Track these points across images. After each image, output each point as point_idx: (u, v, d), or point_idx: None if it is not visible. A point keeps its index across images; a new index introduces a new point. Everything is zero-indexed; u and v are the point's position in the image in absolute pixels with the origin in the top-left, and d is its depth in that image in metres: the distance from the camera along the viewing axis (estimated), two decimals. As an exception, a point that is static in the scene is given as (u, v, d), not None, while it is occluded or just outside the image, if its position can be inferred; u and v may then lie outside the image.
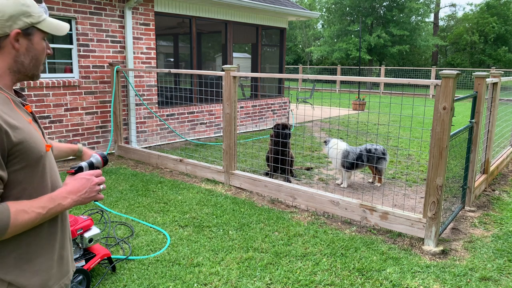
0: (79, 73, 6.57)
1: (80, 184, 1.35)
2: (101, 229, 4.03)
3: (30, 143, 1.24)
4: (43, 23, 1.32)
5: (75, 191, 1.33)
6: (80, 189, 1.34)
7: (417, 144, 8.47)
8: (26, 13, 1.27)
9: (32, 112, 1.39)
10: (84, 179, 1.36)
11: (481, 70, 21.53)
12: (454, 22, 36.35)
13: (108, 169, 6.21)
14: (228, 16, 8.86)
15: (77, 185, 1.34)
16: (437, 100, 3.60)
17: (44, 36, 1.34)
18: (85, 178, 1.37)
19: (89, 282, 2.97)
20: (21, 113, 1.29)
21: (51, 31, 1.34)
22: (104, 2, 6.67)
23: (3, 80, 1.29)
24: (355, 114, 13.65)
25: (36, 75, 1.37)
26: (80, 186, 1.35)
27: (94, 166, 1.53)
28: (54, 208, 1.27)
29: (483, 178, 5.32)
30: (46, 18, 1.34)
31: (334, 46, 28.20)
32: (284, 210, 4.65)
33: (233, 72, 5.19)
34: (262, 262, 3.43)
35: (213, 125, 8.86)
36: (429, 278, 3.23)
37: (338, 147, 5.47)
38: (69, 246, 1.49)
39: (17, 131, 1.21)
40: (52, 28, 1.34)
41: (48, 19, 1.34)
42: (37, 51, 1.33)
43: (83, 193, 1.35)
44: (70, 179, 1.36)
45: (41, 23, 1.31)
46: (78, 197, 1.34)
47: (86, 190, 1.36)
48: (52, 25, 1.35)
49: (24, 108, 1.36)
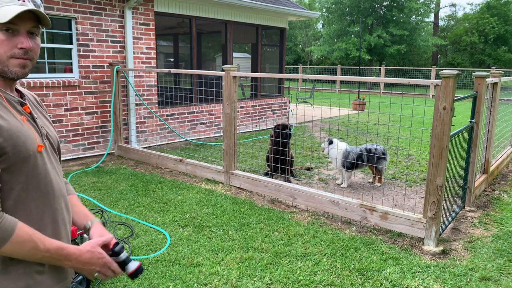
0: (79, 73, 6.57)
1: (95, 261, 1.30)
2: (101, 229, 4.02)
3: (17, 142, 1.21)
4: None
5: (86, 262, 1.28)
6: (91, 262, 1.30)
7: (417, 144, 8.47)
8: None
9: (31, 112, 1.35)
10: (103, 261, 1.31)
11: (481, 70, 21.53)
12: (454, 22, 36.36)
13: (108, 169, 6.21)
14: (228, 16, 8.86)
15: (92, 260, 1.29)
16: (437, 100, 3.60)
17: (4, 26, 1.22)
18: (105, 261, 1.31)
19: (89, 282, 2.97)
20: (13, 110, 1.27)
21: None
22: (104, 2, 6.67)
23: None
24: (355, 114, 13.65)
25: (7, 72, 1.26)
26: (95, 262, 1.30)
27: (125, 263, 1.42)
28: (55, 259, 1.23)
29: (483, 178, 5.32)
30: (2, 7, 1.21)
31: (334, 46, 28.20)
32: (284, 210, 4.65)
33: (233, 72, 5.19)
34: (262, 262, 3.43)
35: (213, 125, 8.86)
36: (429, 278, 3.23)
37: (339, 147, 5.47)
38: None
39: (2, 129, 1.18)
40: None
41: (2, 8, 1.21)
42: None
43: (90, 268, 1.30)
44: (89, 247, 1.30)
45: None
46: (82, 267, 1.29)
47: (94, 268, 1.30)
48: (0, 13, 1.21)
49: (23, 108, 1.33)
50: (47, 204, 1.34)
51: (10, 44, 1.24)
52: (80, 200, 1.62)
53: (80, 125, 6.64)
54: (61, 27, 6.36)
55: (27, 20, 1.25)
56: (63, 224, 1.41)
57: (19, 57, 1.26)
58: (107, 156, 6.91)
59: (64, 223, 1.42)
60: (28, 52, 1.27)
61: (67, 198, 1.48)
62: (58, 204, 1.39)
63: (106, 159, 6.82)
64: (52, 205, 1.36)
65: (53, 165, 1.39)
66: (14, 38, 1.24)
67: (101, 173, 5.98)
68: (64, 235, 1.42)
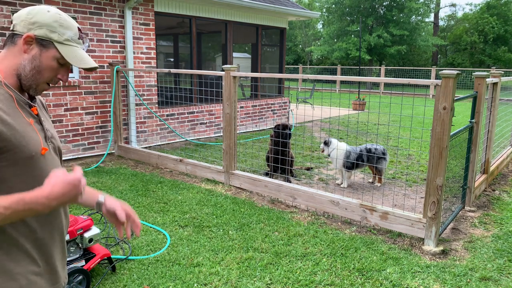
0: (79, 73, 6.57)
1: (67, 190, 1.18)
2: (101, 229, 4.03)
3: (20, 141, 1.23)
4: (63, 46, 1.33)
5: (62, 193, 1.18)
6: (67, 190, 1.19)
7: (417, 144, 8.47)
8: (52, 27, 1.31)
9: (38, 115, 1.38)
10: (71, 185, 1.18)
11: (481, 70, 21.53)
12: (454, 22, 36.35)
13: (108, 169, 6.21)
14: (228, 16, 8.85)
15: (62, 191, 1.18)
16: (437, 100, 3.60)
17: (59, 58, 1.33)
18: (72, 183, 1.19)
19: (89, 282, 2.97)
20: (22, 112, 1.30)
21: (67, 57, 1.33)
22: (104, 2, 6.67)
23: (10, 79, 1.31)
24: (355, 114, 13.65)
25: (32, 89, 1.34)
26: (66, 192, 1.18)
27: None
28: (23, 212, 1.14)
29: (483, 178, 5.32)
30: (71, 45, 1.35)
31: (334, 46, 28.20)
32: (284, 210, 4.65)
33: (233, 72, 5.19)
34: (262, 262, 3.43)
35: (213, 125, 8.86)
36: (429, 278, 3.23)
37: (339, 148, 5.46)
38: (58, 255, 1.42)
39: (8, 127, 1.21)
40: (70, 55, 1.34)
41: (73, 48, 1.35)
42: (42, 64, 1.32)
43: (67, 198, 1.19)
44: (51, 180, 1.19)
45: (61, 44, 1.33)
46: (59, 202, 1.18)
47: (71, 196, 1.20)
48: (71, 53, 1.34)
49: (31, 110, 1.36)
50: None
51: (56, 72, 1.36)
52: None
53: (80, 125, 6.64)
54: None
55: None
56: (58, 227, 1.41)
57: (52, 84, 1.38)
58: (107, 156, 6.91)
59: (60, 227, 1.42)
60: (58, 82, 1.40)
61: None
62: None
63: (106, 159, 6.81)
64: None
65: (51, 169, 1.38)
66: (60, 69, 1.36)
67: (101, 173, 5.98)
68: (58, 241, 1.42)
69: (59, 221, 1.41)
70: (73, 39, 1.36)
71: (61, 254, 1.45)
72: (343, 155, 5.41)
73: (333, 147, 5.50)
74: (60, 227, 1.42)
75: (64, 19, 1.35)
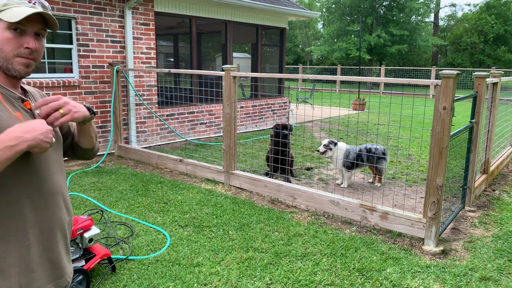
0: (79, 73, 6.57)
1: (35, 125, 1.18)
2: (101, 229, 4.03)
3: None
4: (3, 12, 1.26)
5: (29, 130, 1.16)
6: (35, 129, 1.17)
7: (417, 144, 8.47)
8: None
9: (31, 109, 1.36)
10: (39, 122, 1.20)
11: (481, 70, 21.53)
12: (454, 22, 36.35)
13: (108, 169, 6.21)
14: (228, 16, 8.86)
15: (32, 125, 1.18)
16: (437, 100, 3.60)
17: (8, 25, 1.27)
18: (40, 121, 1.21)
19: (89, 282, 2.97)
20: (7, 106, 1.28)
21: (6, 17, 1.26)
22: (104, 2, 6.67)
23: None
24: (355, 114, 13.65)
25: (11, 69, 1.30)
26: (36, 127, 1.17)
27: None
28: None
29: (483, 178, 5.32)
30: (11, 7, 1.27)
31: (334, 46, 28.20)
32: (284, 210, 4.65)
33: (233, 72, 5.19)
34: (262, 262, 3.43)
35: (213, 125, 8.86)
36: (429, 278, 3.23)
37: (340, 148, 5.46)
38: (61, 250, 1.41)
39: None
40: (8, 14, 1.26)
41: (12, 9, 1.27)
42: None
43: (39, 133, 1.17)
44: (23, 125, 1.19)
45: (2, 12, 1.26)
46: (33, 137, 1.16)
47: (42, 132, 1.18)
48: (9, 13, 1.26)
49: (23, 104, 1.35)
50: (41, 202, 1.33)
51: (17, 43, 1.29)
52: None
53: (80, 125, 6.64)
54: (61, 27, 6.36)
55: (35, 22, 1.31)
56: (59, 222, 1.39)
57: (24, 56, 1.30)
58: (107, 156, 6.91)
59: (60, 222, 1.40)
60: (33, 52, 1.32)
61: (67, 197, 1.46)
62: (54, 201, 1.37)
63: (106, 159, 6.81)
64: (48, 202, 1.35)
65: (51, 163, 1.37)
66: (21, 38, 1.29)
67: (101, 173, 5.98)
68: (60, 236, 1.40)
69: (59, 216, 1.40)
70: (13, 1, 1.28)
71: (64, 249, 1.43)
72: (343, 155, 5.41)
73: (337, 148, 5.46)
74: (60, 222, 1.41)
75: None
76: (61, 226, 1.41)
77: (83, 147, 1.59)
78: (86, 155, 1.65)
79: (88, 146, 1.59)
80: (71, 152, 1.64)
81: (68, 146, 1.61)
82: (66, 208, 1.44)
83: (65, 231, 1.44)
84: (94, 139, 1.59)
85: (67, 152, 1.62)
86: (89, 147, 1.60)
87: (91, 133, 1.54)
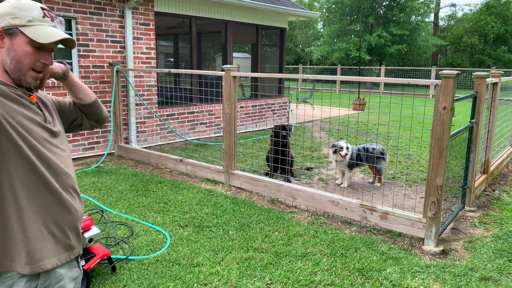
0: (79, 73, 6.57)
1: None
2: (101, 229, 4.03)
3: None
4: (27, 28, 1.33)
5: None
6: None
7: (417, 144, 8.47)
8: (12, 14, 1.32)
9: (37, 102, 1.45)
10: None
11: (481, 70, 21.53)
12: (454, 22, 36.35)
13: (108, 169, 6.21)
14: (228, 16, 8.85)
15: None
16: (437, 100, 3.60)
17: (29, 42, 1.34)
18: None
19: (89, 282, 2.97)
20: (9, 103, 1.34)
21: (32, 36, 1.33)
22: (104, 2, 6.67)
23: (2, 76, 1.38)
24: (355, 114, 13.65)
25: (22, 80, 1.38)
26: None
27: None
28: None
29: (483, 178, 5.32)
30: (36, 25, 1.34)
31: (334, 46, 28.19)
32: (284, 210, 4.65)
33: (233, 72, 5.19)
34: (262, 262, 3.43)
35: (213, 125, 8.86)
36: (429, 278, 3.23)
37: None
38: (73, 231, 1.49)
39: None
40: (35, 34, 1.34)
41: (38, 27, 1.35)
42: (17, 53, 1.34)
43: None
44: None
45: (25, 27, 1.33)
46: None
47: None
48: (36, 32, 1.34)
49: (30, 98, 1.43)
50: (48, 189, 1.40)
51: (35, 58, 1.38)
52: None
53: (80, 125, 6.64)
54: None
55: (56, 42, 1.40)
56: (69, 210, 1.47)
57: (38, 70, 1.40)
58: (107, 156, 6.91)
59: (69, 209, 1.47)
60: (46, 67, 1.43)
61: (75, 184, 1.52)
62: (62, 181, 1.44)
63: (106, 159, 6.82)
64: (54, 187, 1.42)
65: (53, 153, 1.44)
66: (39, 53, 1.38)
67: (101, 173, 5.98)
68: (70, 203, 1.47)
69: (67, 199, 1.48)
70: (37, 18, 1.35)
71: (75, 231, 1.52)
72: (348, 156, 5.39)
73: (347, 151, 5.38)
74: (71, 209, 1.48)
75: (23, 3, 1.35)
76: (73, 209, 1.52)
77: (85, 103, 1.69)
78: (95, 114, 1.74)
79: (88, 100, 1.69)
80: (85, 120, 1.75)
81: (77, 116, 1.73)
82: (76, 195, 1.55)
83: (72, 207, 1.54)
84: (87, 90, 1.70)
85: (83, 123, 1.75)
86: (88, 100, 1.70)
87: (79, 85, 1.67)
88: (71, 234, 1.48)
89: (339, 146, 5.35)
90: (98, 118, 1.76)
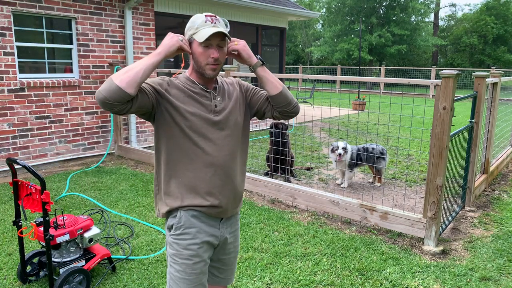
0: (79, 73, 6.57)
1: (167, 39, 1.74)
2: (101, 229, 4.03)
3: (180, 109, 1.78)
4: (196, 35, 1.77)
5: (166, 43, 1.73)
6: (165, 42, 1.74)
7: (417, 144, 8.48)
8: (189, 29, 1.80)
9: (211, 91, 1.86)
10: (169, 36, 1.75)
11: (481, 70, 21.54)
12: (454, 22, 36.36)
13: (108, 169, 6.21)
14: (228, 16, 8.86)
15: (164, 41, 1.74)
16: (437, 100, 3.60)
17: (199, 44, 1.75)
18: (169, 35, 1.76)
19: (89, 282, 2.97)
20: (191, 100, 1.81)
21: (198, 38, 1.75)
22: (104, 2, 6.67)
23: (192, 75, 1.86)
24: (355, 114, 13.65)
25: (203, 73, 1.81)
26: (166, 40, 1.74)
27: None
28: (151, 58, 1.68)
29: (483, 178, 5.32)
30: (199, 30, 1.76)
31: (335, 47, 28.19)
32: (284, 210, 4.65)
33: (233, 72, 5.19)
34: (262, 262, 3.43)
35: (213, 125, 8.85)
36: (429, 278, 3.23)
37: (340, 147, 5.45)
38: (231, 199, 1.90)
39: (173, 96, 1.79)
40: (199, 36, 1.75)
41: (200, 31, 1.75)
42: (195, 54, 1.79)
43: (172, 44, 1.73)
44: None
45: (195, 34, 1.77)
46: (168, 48, 1.72)
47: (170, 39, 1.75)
48: (199, 35, 1.75)
49: (206, 92, 1.85)
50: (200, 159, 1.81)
51: (206, 55, 1.78)
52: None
53: (80, 125, 6.64)
54: (61, 27, 6.36)
55: (216, 37, 1.77)
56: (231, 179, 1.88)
57: (211, 64, 1.79)
58: (107, 156, 6.91)
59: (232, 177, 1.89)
60: (217, 59, 1.80)
61: (229, 170, 1.87)
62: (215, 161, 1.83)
63: (106, 159, 6.82)
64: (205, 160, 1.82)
65: (213, 136, 1.82)
66: (208, 51, 1.78)
67: (101, 173, 5.98)
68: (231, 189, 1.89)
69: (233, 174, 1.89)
70: (201, 24, 1.76)
71: (233, 197, 1.92)
72: (349, 156, 5.40)
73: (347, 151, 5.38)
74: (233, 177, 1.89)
75: (194, 17, 1.80)
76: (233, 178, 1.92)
77: (272, 95, 1.90)
78: (282, 105, 1.93)
79: (274, 91, 1.89)
80: (268, 110, 1.98)
81: (263, 106, 1.99)
82: (240, 170, 1.95)
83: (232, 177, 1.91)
84: (276, 83, 1.90)
85: (266, 113, 2.00)
86: (274, 92, 1.89)
87: (268, 77, 1.90)
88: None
89: (335, 146, 5.37)
90: (280, 110, 1.94)
